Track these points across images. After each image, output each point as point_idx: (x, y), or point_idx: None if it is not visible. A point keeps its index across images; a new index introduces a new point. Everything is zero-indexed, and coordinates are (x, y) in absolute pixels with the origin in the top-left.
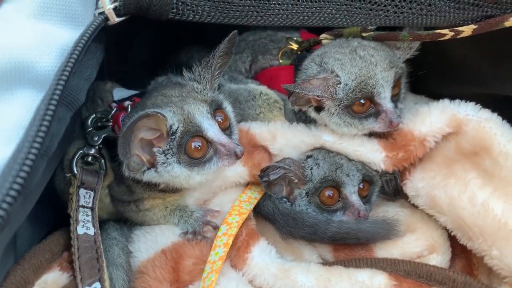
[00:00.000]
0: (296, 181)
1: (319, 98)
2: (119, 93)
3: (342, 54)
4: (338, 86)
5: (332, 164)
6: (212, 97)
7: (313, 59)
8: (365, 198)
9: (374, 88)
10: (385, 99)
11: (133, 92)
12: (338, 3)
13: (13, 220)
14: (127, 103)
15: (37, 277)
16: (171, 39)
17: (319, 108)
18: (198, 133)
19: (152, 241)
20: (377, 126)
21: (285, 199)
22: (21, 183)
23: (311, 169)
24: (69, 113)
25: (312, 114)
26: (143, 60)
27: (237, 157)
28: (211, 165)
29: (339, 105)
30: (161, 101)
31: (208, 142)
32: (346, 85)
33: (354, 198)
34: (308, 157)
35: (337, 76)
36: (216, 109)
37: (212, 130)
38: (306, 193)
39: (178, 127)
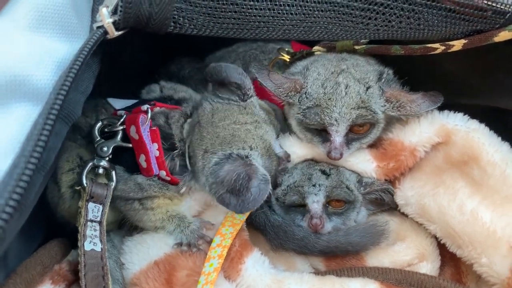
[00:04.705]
0: None
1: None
2: (116, 102)
3: (325, 70)
4: (298, 93)
5: (304, 175)
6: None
7: (306, 61)
8: (338, 211)
9: (326, 118)
10: (336, 132)
11: (131, 100)
12: (335, 18)
13: (8, 237)
14: (145, 106)
15: None
16: (161, 49)
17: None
18: None
19: (144, 253)
20: (321, 148)
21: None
22: (18, 199)
23: (284, 174)
24: (66, 127)
25: (286, 106)
26: (132, 70)
27: None
28: None
29: (297, 111)
30: (238, 131)
31: None
32: (307, 98)
33: (314, 207)
34: None
35: (304, 86)
36: None
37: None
38: (276, 198)
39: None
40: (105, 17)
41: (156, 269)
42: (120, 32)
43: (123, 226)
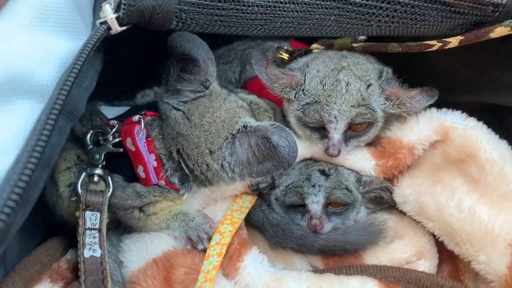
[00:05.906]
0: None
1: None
2: (108, 110)
3: (325, 67)
4: (293, 90)
5: (302, 175)
6: None
7: (307, 58)
8: (338, 211)
9: (325, 115)
10: (334, 130)
11: (123, 108)
12: (338, 15)
13: (12, 231)
14: (137, 117)
15: None
16: (159, 47)
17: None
18: None
19: (142, 251)
20: (319, 144)
21: None
22: (20, 193)
23: (281, 175)
24: (70, 123)
25: (285, 103)
26: (130, 68)
27: None
28: None
29: (296, 107)
30: (222, 115)
31: None
32: (304, 94)
33: (314, 207)
34: None
35: (302, 83)
36: None
37: None
38: (276, 198)
39: None
40: (108, 13)
41: (155, 267)
42: (123, 28)
43: (121, 225)
